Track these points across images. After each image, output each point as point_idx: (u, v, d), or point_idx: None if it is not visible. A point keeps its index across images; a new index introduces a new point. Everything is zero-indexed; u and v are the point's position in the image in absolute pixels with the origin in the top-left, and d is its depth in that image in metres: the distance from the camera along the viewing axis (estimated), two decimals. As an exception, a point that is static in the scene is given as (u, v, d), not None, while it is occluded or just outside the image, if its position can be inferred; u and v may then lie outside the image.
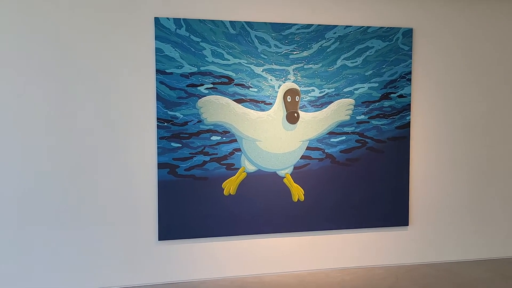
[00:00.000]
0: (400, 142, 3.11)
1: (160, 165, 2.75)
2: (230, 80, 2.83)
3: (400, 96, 3.09)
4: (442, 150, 3.21)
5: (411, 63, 3.09)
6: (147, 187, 2.77)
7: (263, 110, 2.89)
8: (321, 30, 2.94)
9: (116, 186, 2.73)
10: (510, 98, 3.29)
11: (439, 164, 3.22)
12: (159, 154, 2.75)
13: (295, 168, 2.97)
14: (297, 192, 2.98)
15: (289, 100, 2.91)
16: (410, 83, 3.10)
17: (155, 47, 2.71)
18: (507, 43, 3.26)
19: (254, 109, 2.87)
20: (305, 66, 2.93)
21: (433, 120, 3.18)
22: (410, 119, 3.12)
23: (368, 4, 3.02)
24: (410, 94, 3.11)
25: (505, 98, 3.28)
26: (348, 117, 3.03)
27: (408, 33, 3.07)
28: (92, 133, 2.68)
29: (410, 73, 3.09)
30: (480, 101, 3.25)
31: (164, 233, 2.79)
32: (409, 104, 3.11)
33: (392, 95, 3.08)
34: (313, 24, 2.92)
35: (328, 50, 2.96)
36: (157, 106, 2.73)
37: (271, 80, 2.89)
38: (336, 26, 2.96)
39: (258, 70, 2.86)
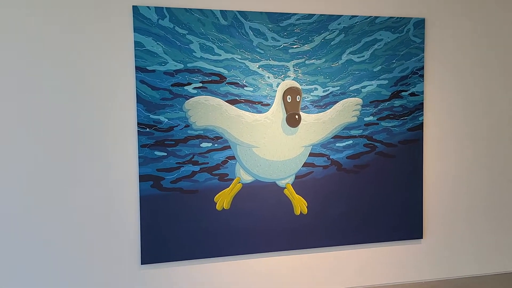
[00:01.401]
0: (412, 145, 2.79)
1: (142, 177, 2.38)
2: (221, 78, 2.47)
3: (412, 94, 2.77)
4: (459, 154, 2.90)
5: (423, 57, 2.76)
6: (127, 203, 2.39)
7: (260, 112, 2.53)
8: (324, 21, 2.60)
9: (91, 203, 2.34)
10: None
11: (456, 170, 2.90)
12: (140, 164, 2.37)
13: (296, 177, 2.62)
14: (300, 204, 2.63)
15: (289, 100, 2.56)
16: (423, 79, 2.78)
17: (134, 41, 2.33)
18: (526, 35, 2.97)
19: (249, 111, 2.51)
20: (306, 62, 2.58)
21: (449, 121, 2.87)
22: (423, 119, 2.80)
23: (375, -9, 2.69)
24: (422, 92, 2.78)
25: (525, 95, 2.99)
26: (355, 119, 2.69)
27: (420, 24, 2.74)
28: (62, 142, 2.29)
29: (422, 68, 2.77)
30: (504, 100, 2.95)
31: (148, 256, 2.41)
32: (422, 103, 2.79)
33: (403, 93, 2.76)
34: (315, 14, 2.58)
35: (332, 43, 2.62)
36: (137, 109, 2.36)
37: (268, 77, 2.54)
38: (340, 16, 2.62)
39: (254, 66, 2.51)
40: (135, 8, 2.33)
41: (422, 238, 2.85)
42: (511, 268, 3.04)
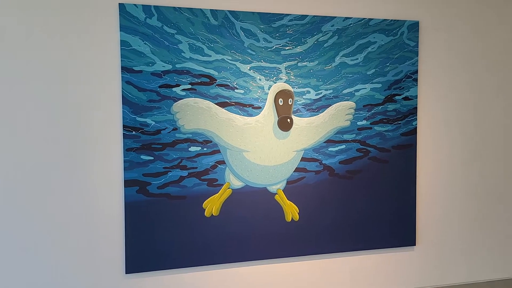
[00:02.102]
0: (406, 150, 2.73)
1: (127, 183, 2.28)
2: (211, 79, 2.38)
3: (406, 98, 2.72)
4: (452, 160, 2.85)
5: (417, 60, 2.72)
6: (112, 209, 2.29)
7: (250, 115, 2.45)
8: (317, 22, 2.53)
9: (73, 209, 2.23)
10: (523, 100, 2.97)
11: (450, 176, 2.86)
12: (125, 169, 2.27)
13: (288, 182, 2.54)
14: (291, 211, 2.55)
15: (281, 104, 2.49)
16: (417, 83, 2.73)
17: (120, 40, 2.24)
18: (519, 40, 2.94)
19: (240, 114, 2.43)
20: (299, 64, 2.51)
21: (443, 126, 2.82)
22: (416, 124, 2.75)
23: (369, -7, 2.64)
24: (416, 96, 2.74)
25: (519, 101, 2.96)
26: (348, 123, 2.63)
27: (414, 27, 2.70)
28: (45, 144, 2.18)
29: (416, 72, 2.72)
30: (498, 105, 2.91)
31: (133, 264, 2.31)
32: (416, 108, 2.74)
33: (397, 97, 2.70)
34: (308, 15, 2.51)
35: (325, 46, 2.55)
36: (123, 111, 2.26)
37: (260, 80, 2.46)
38: (334, 17, 2.56)
39: (245, 68, 2.43)
40: (121, 6, 2.23)
41: (415, 245, 2.79)
42: (505, 275, 3.00)
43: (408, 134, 2.74)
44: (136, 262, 2.31)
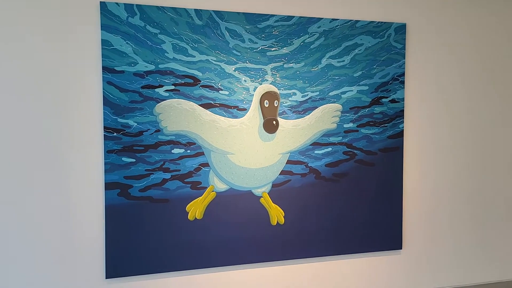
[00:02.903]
0: (392, 153, 2.72)
1: (108, 185, 2.22)
2: (195, 80, 2.34)
3: (393, 101, 2.70)
4: (439, 163, 2.84)
5: (404, 63, 2.70)
6: (92, 212, 2.23)
7: (235, 117, 2.41)
8: (304, 23, 2.50)
9: (51, 212, 2.17)
10: None
11: (436, 179, 2.84)
12: (106, 171, 2.21)
13: (273, 185, 2.51)
14: (276, 214, 2.52)
15: (266, 105, 2.45)
16: (404, 86, 2.71)
17: (101, 39, 2.18)
18: None
19: (225, 116, 2.39)
20: (285, 65, 2.48)
21: (429, 129, 2.81)
22: (403, 127, 2.73)
23: (356, -5, 2.62)
24: (403, 99, 2.72)
25: (510, 104, 2.96)
26: (334, 125, 2.60)
27: (401, 29, 2.68)
28: (23, 146, 2.12)
29: (403, 74, 2.70)
30: (485, 108, 2.91)
31: (113, 269, 2.25)
32: (402, 110, 2.72)
33: (383, 99, 2.68)
34: (294, 16, 2.48)
35: (311, 47, 2.53)
36: (104, 112, 2.20)
37: (245, 81, 2.42)
38: (320, 19, 2.53)
39: (230, 69, 2.39)
40: (102, 4, 2.18)
41: (401, 249, 2.77)
42: (491, 279, 3.00)
43: (395, 137, 2.72)
44: (117, 266, 2.26)
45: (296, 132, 2.53)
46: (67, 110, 2.17)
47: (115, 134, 2.23)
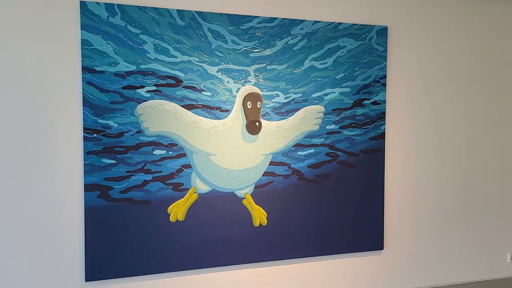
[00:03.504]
0: (374, 155, 2.74)
1: (88, 187, 2.19)
2: (177, 81, 2.32)
3: (374, 103, 2.73)
4: (420, 164, 2.88)
5: (386, 65, 2.73)
6: (71, 214, 2.19)
7: (218, 118, 2.40)
8: (287, 25, 2.51)
9: (30, 214, 2.13)
10: (493, 105, 3.03)
11: (417, 180, 2.88)
12: (86, 173, 2.18)
13: (256, 187, 2.51)
14: (259, 215, 2.52)
15: (249, 107, 2.45)
16: (385, 88, 2.74)
17: (81, 39, 2.15)
18: (489, 45, 3.00)
19: (207, 117, 2.38)
20: (268, 67, 2.49)
21: (410, 130, 2.85)
22: (385, 129, 2.76)
23: (339, -3, 2.64)
24: (385, 101, 2.75)
25: (488, 105, 3.02)
26: (317, 127, 2.62)
27: (382, 32, 2.71)
28: (0, 146, 2.07)
29: (385, 77, 2.74)
30: (466, 109, 2.96)
31: (93, 271, 2.22)
32: (384, 112, 2.75)
33: (365, 101, 2.71)
34: (277, 18, 2.49)
35: (294, 49, 2.53)
36: (83, 112, 2.17)
37: (228, 82, 2.42)
38: (303, 21, 2.54)
39: (212, 70, 2.38)
40: (82, 4, 2.15)
41: (382, 249, 2.80)
42: (472, 278, 3.05)
43: (377, 139, 2.75)
44: (97, 269, 2.23)
45: (279, 134, 2.54)
46: (45, 111, 2.13)
47: (95, 135, 2.19)
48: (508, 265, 3.13)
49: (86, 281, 2.21)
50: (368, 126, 2.72)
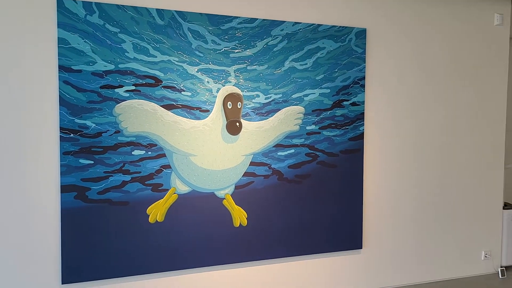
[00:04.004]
0: (353, 155, 2.78)
1: (64, 188, 2.15)
2: (157, 81, 2.31)
3: (353, 104, 2.77)
4: (398, 164, 2.93)
5: (364, 67, 2.77)
6: (47, 216, 2.15)
7: (198, 118, 2.40)
8: (267, 26, 2.52)
9: (5, 215, 2.08)
10: (469, 106, 3.10)
11: (395, 180, 2.93)
12: (62, 173, 2.14)
13: (236, 187, 2.51)
14: (239, 216, 2.52)
15: (229, 107, 2.45)
16: (364, 89, 2.78)
17: (58, 37, 2.11)
18: (469, 46, 3.07)
19: (187, 117, 2.37)
20: (248, 67, 2.49)
21: (389, 131, 2.90)
22: (363, 129, 2.80)
23: (319, -1, 2.66)
24: (363, 102, 2.79)
25: (464, 106, 3.09)
26: (297, 127, 2.63)
27: (361, 34, 2.75)
28: (-31, 147, 2.02)
29: (363, 78, 2.78)
30: (443, 110, 3.03)
31: (69, 274, 2.18)
32: (363, 113, 2.79)
33: (344, 102, 2.74)
34: (257, 19, 2.50)
35: (274, 50, 2.55)
36: (60, 112, 2.13)
37: (208, 82, 2.41)
38: (283, 22, 2.56)
39: (192, 70, 2.37)
40: (59, 2, 2.11)
41: (361, 248, 2.84)
42: (448, 275, 3.12)
43: (356, 139, 2.78)
44: (74, 271, 2.19)
45: (259, 134, 2.54)
46: (20, 110, 2.09)
47: (72, 135, 2.16)
48: (483, 263, 3.21)
49: (62, 283, 2.17)
50: (347, 127, 2.76)
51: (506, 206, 3.31)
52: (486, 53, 3.14)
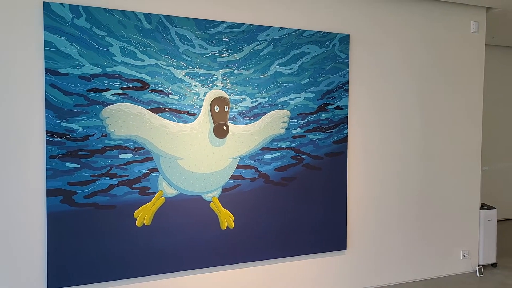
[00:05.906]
0: (337, 158, 2.84)
1: (50, 192, 2.13)
2: (144, 84, 2.31)
3: (337, 107, 2.83)
4: (382, 166, 3.01)
5: (348, 72, 2.84)
6: (32, 220, 2.13)
7: (185, 122, 2.41)
8: (253, 31, 2.57)
9: (-13, 221, 2.04)
10: (448, 110, 3.21)
11: (379, 183, 3.01)
12: (48, 177, 2.12)
13: (223, 190, 2.53)
14: (226, 219, 2.54)
15: (216, 111, 2.47)
16: (348, 93, 2.85)
17: (44, 40, 2.10)
18: (447, 51, 3.19)
19: (174, 121, 2.39)
20: (235, 71, 2.52)
21: (372, 134, 2.97)
22: (347, 132, 2.87)
23: (303, 5, 2.72)
24: (347, 106, 2.86)
25: (444, 110, 3.20)
26: (283, 131, 2.68)
27: (345, 40, 2.82)
28: (-49, 150, 1.98)
29: (347, 83, 2.85)
30: (426, 113, 3.12)
31: (56, 279, 2.16)
32: (347, 117, 2.86)
33: (329, 106, 2.81)
34: (244, 24, 2.54)
35: (261, 54, 2.59)
36: (46, 115, 2.12)
37: (195, 86, 2.43)
38: (269, 27, 2.60)
39: (180, 74, 2.39)
40: (46, 5, 2.10)
41: (346, 249, 2.90)
42: (432, 274, 3.20)
43: (340, 142, 2.85)
44: (60, 276, 2.17)
45: (246, 137, 2.58)
46: (6, 113, 2.06)
47: (58, 138, 2.14)
48: (461, 262, 3.32)
49: (48, 289, 2.15)
50: (331, 130, 2.82)
51: (483, 207, 3.43)
52: (463, 59, 3.26)
